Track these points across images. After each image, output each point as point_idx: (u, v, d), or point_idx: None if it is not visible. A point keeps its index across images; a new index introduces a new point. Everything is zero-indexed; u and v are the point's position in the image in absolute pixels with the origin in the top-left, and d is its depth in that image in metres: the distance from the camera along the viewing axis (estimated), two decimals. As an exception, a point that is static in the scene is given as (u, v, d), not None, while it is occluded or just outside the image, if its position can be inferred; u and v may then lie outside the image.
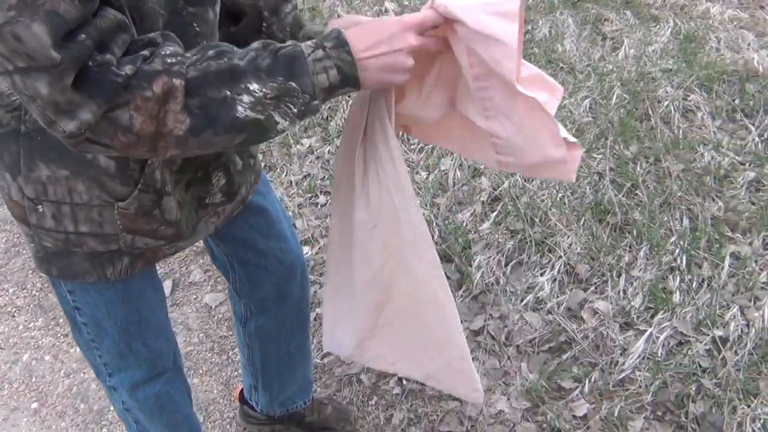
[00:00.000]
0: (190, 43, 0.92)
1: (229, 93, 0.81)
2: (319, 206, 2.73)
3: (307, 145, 3.02)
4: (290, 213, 2.68)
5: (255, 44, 0.86)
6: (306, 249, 2.56)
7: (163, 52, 0.80)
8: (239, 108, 0.82)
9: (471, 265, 2.29)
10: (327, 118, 3.13)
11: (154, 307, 1.28)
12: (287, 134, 3.07)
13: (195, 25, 0.99)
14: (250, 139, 0.87)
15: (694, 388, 1.85)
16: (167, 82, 0.78)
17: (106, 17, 0.76)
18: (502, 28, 0.85)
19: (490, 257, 2.33)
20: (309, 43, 0.87)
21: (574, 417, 1.90)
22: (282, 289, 1.51)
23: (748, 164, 2.49)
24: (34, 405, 2.18)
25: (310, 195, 2.78)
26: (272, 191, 1.46)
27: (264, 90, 0.83)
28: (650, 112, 2.72)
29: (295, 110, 0.85)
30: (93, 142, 0.79)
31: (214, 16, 1.03)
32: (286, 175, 2.89)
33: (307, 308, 1.65)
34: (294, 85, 0.84)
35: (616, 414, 1.85)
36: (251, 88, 0.82)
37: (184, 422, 1.54)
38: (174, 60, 0.80)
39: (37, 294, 2.56)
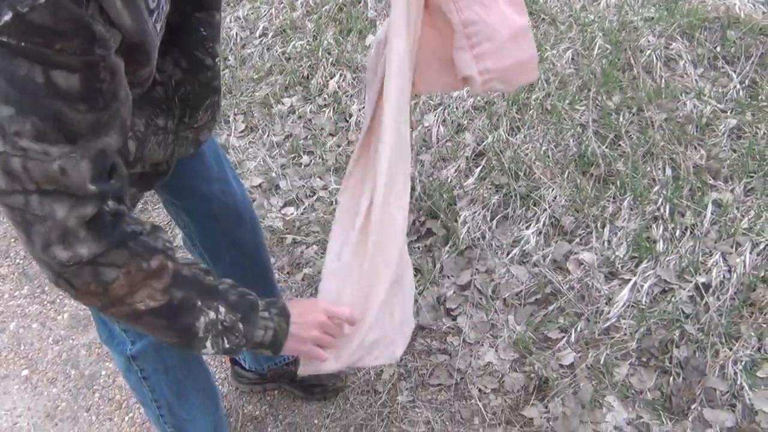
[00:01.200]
0: (196, 46, 0.95)
1: (200, 303, 0.90)
2: (302, 166, 2.70)
3: (288, 105, 2.97)
4: (273, 174, 2.66)
5: (227, 280, 0.99)
6: (291, 210, 2.55)
7: (162, 236, 0.87)
8: (201, 319, 0.90)
9: (457, 221, 2.30)
10: (308, 76, 3.08)
11: None
12: (268, 94, 3.02)
13: (202, 29, 1.00)
14: (175, 344, 0.94)
15: (677, 334, 1.89)
16: (163, 262, 0.84)
17: (123, 169, 0.80)
18: None
19: (475, 212, 2.33)
20: (261, 301, 1.01)
21: (561, 366, 1.94)
22: (233, 236, 1.49)
23: (729, 112, 2.49)
24: (25, 372, 2.18)
25: (293, 155, 2.75)
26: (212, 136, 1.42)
27: (224, 317, 0.92)
28: (632, 61, 2.70)
29: (227, 346, 0.95)
30: (65, 280, 0.80)
31: (219, 18, 1.08)
32: (268, 136, 2.86)
33: (263, 253, 1.64)
34: (242, 327, 0.95)
35: (602, 361, 1.89)
36: (220, 309, 0.92)
37: (208, 386, 1.56)
38: (170, 246, 0.88)
39: (21, 262, 2.53)
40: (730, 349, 1.84)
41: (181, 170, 1.28)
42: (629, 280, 2.05)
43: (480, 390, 1.95)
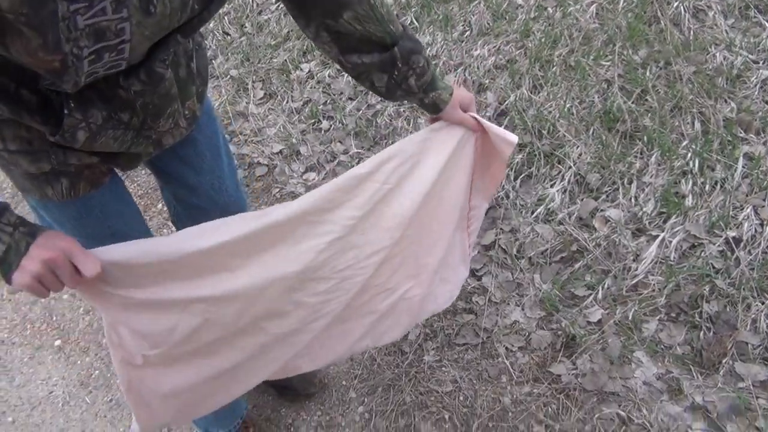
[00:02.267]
0: (156, 63, 0.94)
1: None
2: (322, 132, 2.69)
3: (307, 70, 2.95)
4: (294, 140, 2.65)
5: None
6: (312, 175, 2.54)
7: None
8: None
9: (480, 181, 2.26)
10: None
11: (128, 221, 1.22)
12: (286, 60, 2.99)
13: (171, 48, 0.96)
14: None
15: (707, 289, 1.86)
16: None
17: None
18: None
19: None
20: (9, 212, 0.89)
21: (589, 323, 1.92)
22: None
23: (761, 62, 2.41)
24: (58, 342, 2.23)
25: (313, 121, 2.73)
26: (214, 123, 1.34)
27: None
28: (659, 14, 2.62)
29: None
30: None
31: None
32: (287, 103, 2.84)
33: None
34: None
35: (630, 317, 1.87)
36: None
37: None
38: None
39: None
40: (762, 303, 1.80)
41: (169, 156, 1.24)
42: (657, 236, 2.01)
43: (507, 348, 1.94)
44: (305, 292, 1.12)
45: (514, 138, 1.22)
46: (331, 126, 2.70)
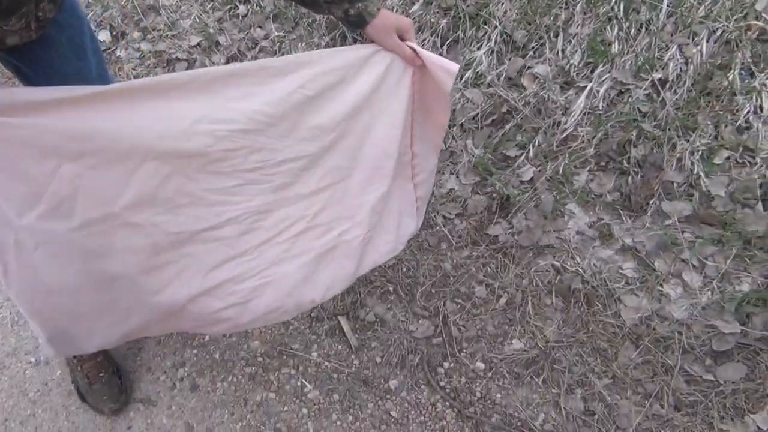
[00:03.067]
0: None
1: None
2: (240, 18, 2.54)
3: (216, -47, 2.74)
4: (211, 30, 2.51)
5: None
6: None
7: None
8: None
9: (405, 52, 2.19)
10: None
11: None
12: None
13: None
14: None
15: (634, 134, 1.87)
16: None
17: None
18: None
19: (424, 40, 2.22)
20: None
21: (522, 182, 1.93)
22: None
23: None
24: None
25: (228, 7, 2.58)
26: (80, 22, 1.24)
27: None
28: None
29: None
30: None
31: None
32: (199, -10, 2.66)
33: None
34: None
35: (561, 171, 1.89)
36: None
37: None
38: None
39: None
40: (687, 141, 1.82)
41: (31, 59, 1.16)
42: (585, 86, 1.99)
43: (444, 217, 1.96)
44: (199, 185, 1.05)
45: (454, 66, 1.14)
46: (248, 10, 2.55)
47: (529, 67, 2.09)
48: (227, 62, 2.45)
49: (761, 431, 1.54)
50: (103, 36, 2.64)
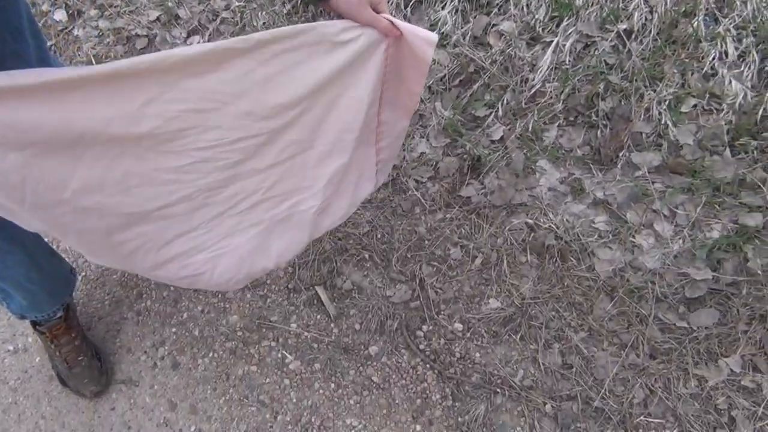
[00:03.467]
0: None
1: None
2: (199, -11, 2.48)
3: None
4: (170, 3, 2.44)
5: None
6: (196, 38, 2.37)
7: None
8: None
9: (369, 15, 2.15)
10: None
11: None
12: None
13: None
14: None
15: (602, 87, 1.86)
16: None
17: None
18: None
19: (388, 2, 2.18)
20: None
21: (492, 141, 1.93)
22: None
23: None
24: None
25: (187, -21, 2.51)
26: (15, 4, 1.17)
27: None
28: None
29: None
30: None
31: None
32: (155, -37, 2.58)
33: None
34: None
35: (530, 128, 1.88)
36: None
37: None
38: None
39: None
40: (654, 91, 1.82)
41: None
42: (551, 41, 1.97)
43: (417, 181, 1.95)
44: (149, 165, 1.03)
45: (434, 36, 1.08)
46: (207, -19, 2.49)
47: (494, 25, 2.06)
48: (188, 36, 2.39)
49: (734, 374, 1.57)
50: (59, 15, 2.57)
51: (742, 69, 1.80)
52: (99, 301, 1.92)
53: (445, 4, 2.12)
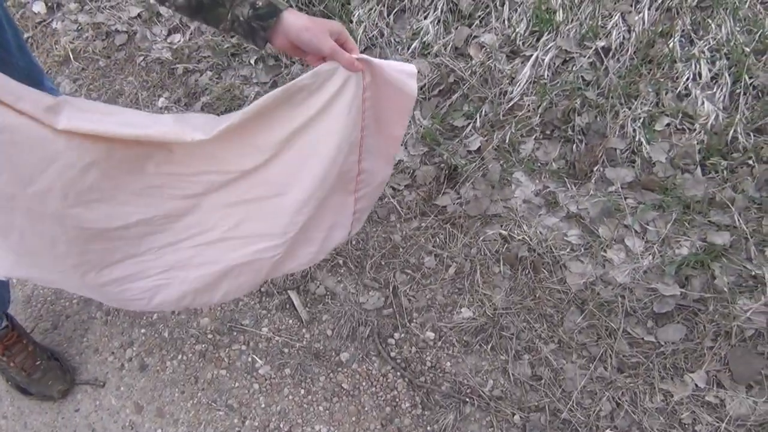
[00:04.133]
0: None
1: None
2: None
3: None
4: (151, 0, 2.42)
5: None
6: (177, 37, 2.36)
7: None
8: None
9: (352, 22, 2.16)
10: None
11: None
12: None
13: None
14: None
15: (579, 102, 1.89)
16: None
17: None
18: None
19: (371, 9, 2.19)
20: None
21: (469, 152, 1.94)
22: None
23: None
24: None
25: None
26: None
27: None
28: None
29: None
30: None
31: None
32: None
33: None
34: None
35: (507, 140, 1.90)
36: None
37: None
38: None
39: None
40: (629, 109, 1.85)
41: None
42: (531, 55, 1.99)
43: (393, 188, 1.96)
44: (111, 182, 0.99)
45: (412, 68, 1.03)
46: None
47: (475, 37, 2.08)
48: (168, 34, 2.38)
49: (699, 389, 1.60)
50: (38, 7, 2.53)
51: (714, 90, 1.84)
52: (67, 299, 1.88)
53: (428, 14, 2.14)
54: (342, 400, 1.69)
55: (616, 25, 1.98)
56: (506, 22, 2.08)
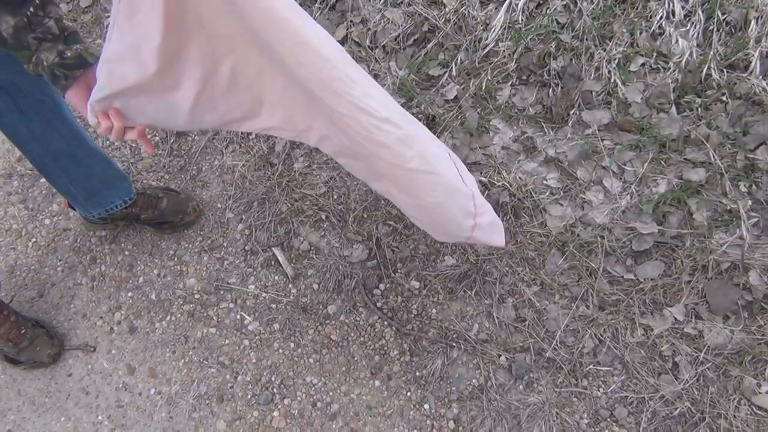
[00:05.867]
0: None
1: None
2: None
3: None
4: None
5: None
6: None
7: None
8: None
9: (322, -27, 2.12)
10: None
11: None
12: None
13: None
14: None
15: (553, 46, 1.88)
16: None
17: None
18: None
19: (341, -40, 2.15)
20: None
21: (446, 101, 1.94)
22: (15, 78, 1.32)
23: None
24: None
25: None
26: None
27: None
28: None
29: None
30: None
31: None
32: None
33: (53, 99, 1.44)
34: None
35: (484, 87, 1.89)
36: None
37: None
38: None
39: None
40: (604, 50, 1.85)
41: None
42: (504, 1, 1.97)
43: (372, 141, 1.95)
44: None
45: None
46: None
47: (448, -17, 2.05)
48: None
49: (678, 322, 1.64)
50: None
51: (688, 28, 1.84)
52: (51, 267, 1.88)
53: (399, -39, 2.10)
54: (331, 351, 1.72)
55: (589, -34, 1.96)
56: (479, -33, 2.05)
